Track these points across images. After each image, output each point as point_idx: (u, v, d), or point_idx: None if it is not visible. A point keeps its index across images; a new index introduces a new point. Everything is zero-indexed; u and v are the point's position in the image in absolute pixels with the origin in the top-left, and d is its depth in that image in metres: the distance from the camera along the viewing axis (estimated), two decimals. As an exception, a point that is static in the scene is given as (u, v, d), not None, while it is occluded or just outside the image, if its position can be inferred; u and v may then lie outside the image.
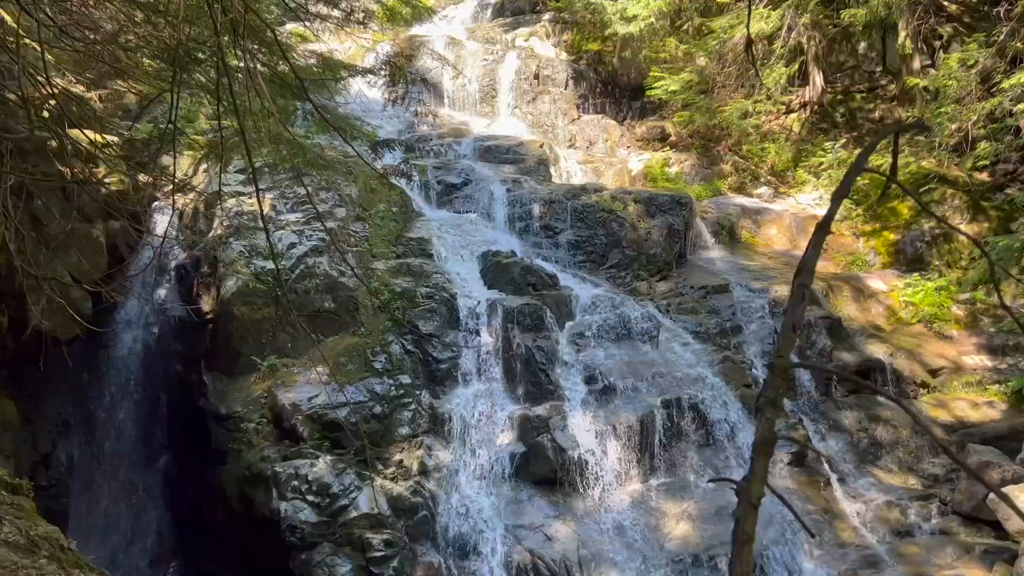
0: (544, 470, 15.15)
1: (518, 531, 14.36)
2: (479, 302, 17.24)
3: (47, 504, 12.88)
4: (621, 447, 15.51)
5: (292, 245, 16.36)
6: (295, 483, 13.56)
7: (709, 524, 14.35)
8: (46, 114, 9.49)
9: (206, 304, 15.77)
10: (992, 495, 13.09)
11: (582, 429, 15.71)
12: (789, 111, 25.24)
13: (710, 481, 14.78)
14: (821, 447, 15.83)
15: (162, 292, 15.45)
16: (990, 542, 13.54)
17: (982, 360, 17.22)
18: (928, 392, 17.16)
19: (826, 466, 15.51)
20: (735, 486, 2.71)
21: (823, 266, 20.28)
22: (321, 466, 13.83)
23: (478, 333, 16.85)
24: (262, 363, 14.94)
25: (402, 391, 15.39)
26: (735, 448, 15.53)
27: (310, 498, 13.50)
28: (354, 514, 13.47)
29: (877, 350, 17.44)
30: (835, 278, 19.78)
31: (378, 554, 13.16)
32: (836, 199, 2.73)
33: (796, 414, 16.19)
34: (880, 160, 18.63)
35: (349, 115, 16.73)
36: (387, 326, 16.37)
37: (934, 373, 17.39)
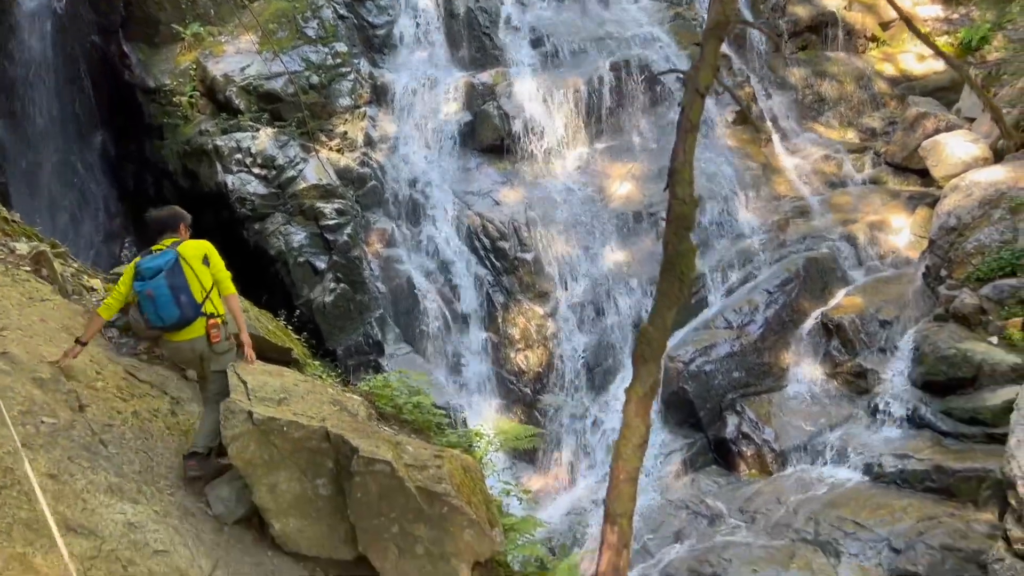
0: (491, 137, 15.12)
1: (467, 197, 14.66)
2: (413, -44, 15.89)
3: (-17, 184, 12.59)
4: (568, 112, 15.38)
5: None
6: (238, 156, 13.36)
7: (651, 183, 14.76)
8: None
9: (111, -35, 14.23)
10: (924, 143, 13.55)
11: (529, 95, 15.43)
12: None
13: (659, 74, 14.72)
14: (766, 105, 15.90)
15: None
16: (915, 189, 14.29)
17: (936, 11, 16.84)
18: (877, 46, 16.97)
19: (769, 124, 15.71)
20: (682, 75, 2.58)
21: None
22: (263, 138, 13.55)
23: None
24: (185, 31, 13.92)
25: (339, 60, 14.67)
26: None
27: (256, 171, 13.40)
28: (303, 185, 13.50)
29: (831, 2, 16.86)
30: (797, -77, 18.45)
31: (331, 222, 13.42)
32: None
33: (744, 72, 16.00)
34: None
35: None
36: (315, -13, 15.15)
37: (885, 26, 17.05)
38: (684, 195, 3.48)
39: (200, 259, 5.47)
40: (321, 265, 13.19)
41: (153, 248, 5.55)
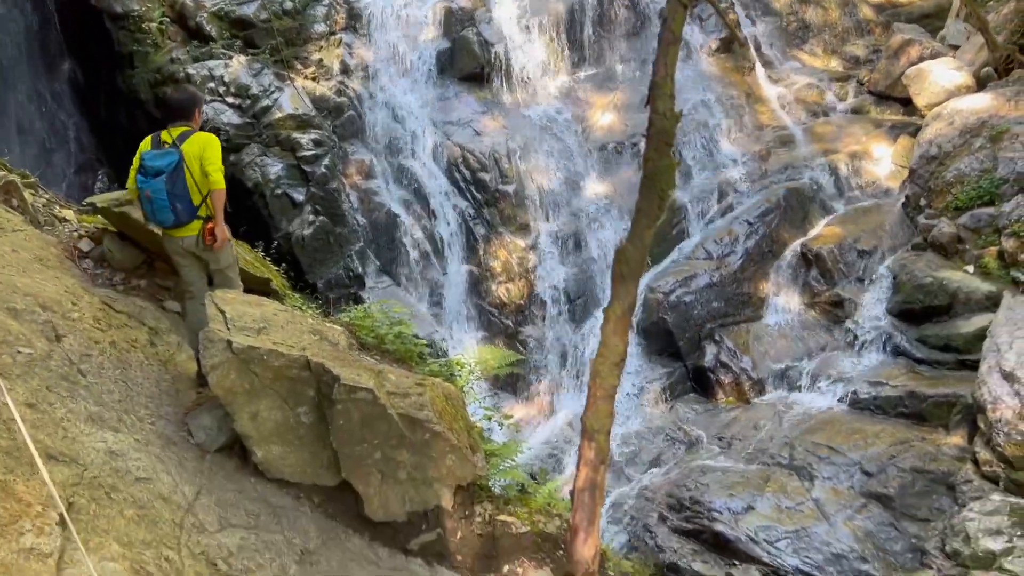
0: (470, 66, 14.83)
1: (447, 127, 14.44)
2: None
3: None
4: (549, 39, 15.09)
5: None
6: (211, 85, 13.03)
7: (633, 113, 14.60)
8: None
9: None
10: (908, 71, 13.44)
11: (509, 20, 15.09)
12: None
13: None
14: (750, 32, 15.65)
15: None
16: (898, 118, 14.21)
17: (924, -66, 16.50)
18: (863, -29, 16.66)
19: (752, 51, 15.49)
20: (666, -14, 2.52)
21: None
22: (236, 66, 13.21)
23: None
24: (152, -47, 13.41)
25: (314, -17, 14.25)
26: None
27: (230, 100, 13.09)
28: (278, 115, 13.22)
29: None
30: None
31: (308, 153, 13.20)
32: None
33: (728, -2, 15.70)
34: None
35: None
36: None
37: (873, -50, 16.73)
38: (665, 109, 3.43)
39: (200, 158, 5.48)
40: (299, 197, 13.02)
41: (163, 135, 5.54)
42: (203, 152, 5.47)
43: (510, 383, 12.65)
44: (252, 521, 4.66)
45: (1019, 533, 7.93)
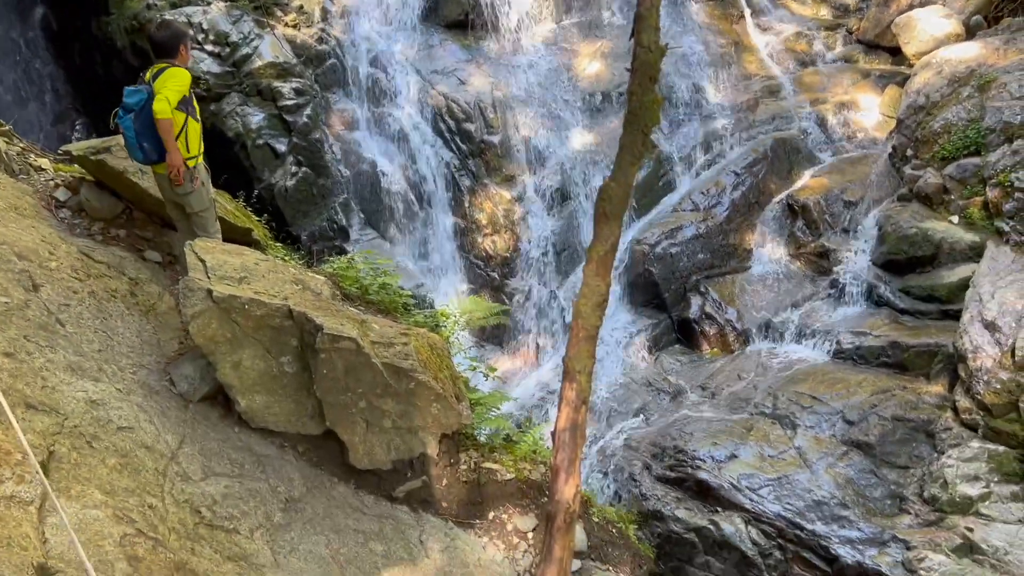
0: (455, 12, 14.54)
1: (431, 76, 14.20)
2: None
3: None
4: (535, -15, 14.82)
5: None
6: (189, 32, 12.70)
7: (620, 62, 14.38)
8: None
9: None
10: (898, 19, 13.28)
11: (494, -34, 14.79)
12: None
13: None
14: (739, -22, 15.41)
15: None
16: (886, 68, 14.09)
17: None
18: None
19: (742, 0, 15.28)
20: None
21: None
22: (215, 13, 12.88)
23: None
24: None
25: (293, -74, 13.83)
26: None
27: (208, 48, 12.78)
28: (259, 63, 12.93)
29: None
30: None
31: (290, 103, 12.96)
32: None
33: (717, -57, 15.40)
34: None
35: None
36: None
37: None
38: (650, 42, 3.35)
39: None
40: (281, 148, 12.81)
41: (146, 73, 5.50)
42: (163, 85, 5.30)
43: (496, 335, 12.66)
44: (236, 470, 4.65)
45: (996, 479, 8.08)
